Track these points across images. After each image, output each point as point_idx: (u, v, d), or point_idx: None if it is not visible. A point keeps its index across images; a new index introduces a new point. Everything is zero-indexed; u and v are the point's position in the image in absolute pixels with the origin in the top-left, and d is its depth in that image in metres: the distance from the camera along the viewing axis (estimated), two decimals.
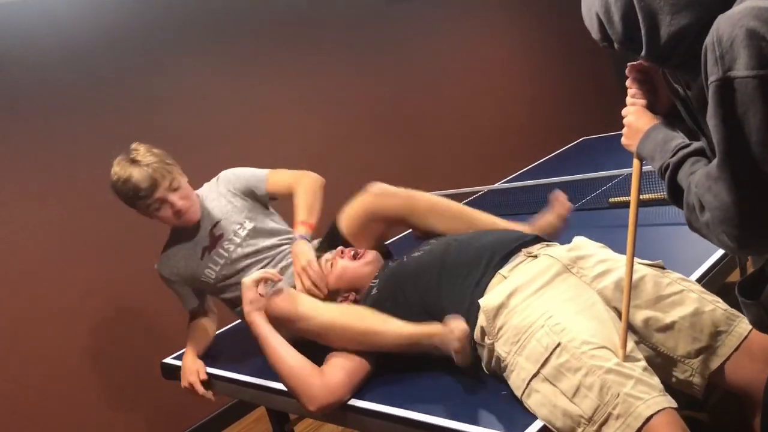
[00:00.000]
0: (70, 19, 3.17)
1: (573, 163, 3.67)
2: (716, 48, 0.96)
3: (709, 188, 1.01)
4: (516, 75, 5.58)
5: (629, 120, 1.33)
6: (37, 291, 2.98)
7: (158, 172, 2.09)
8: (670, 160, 1.16)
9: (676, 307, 1.53)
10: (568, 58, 6.03)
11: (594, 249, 1.72)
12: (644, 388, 1.31)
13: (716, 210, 1.00)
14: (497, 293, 1.59)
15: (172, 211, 2.16)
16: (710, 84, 0.97)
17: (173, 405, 3.28)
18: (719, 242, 1.04)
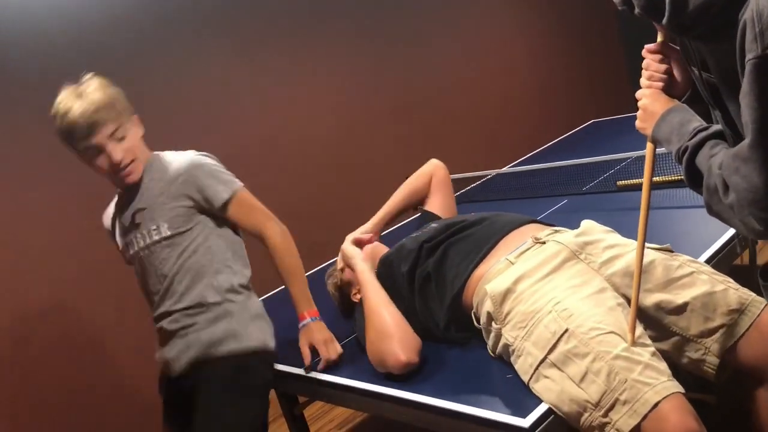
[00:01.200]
0: (74, 6, 3.16)
1: (581, 146, 3.66)
2: (756, 24, 0.92)
3: (737, 169, 0.98)
4: (525, 59, 5.55)
5: (644, 103, 1.30)
6: (29, 281, 2.97)
7: (103, 112, 1.79)
8: (689, 142, 1.13)
9: (687, 288, 1.53)
10: (577, 40, 5.98)
11: (602, 234, 1.72)
12: (652, 374, 1.31)
13: (744, 191, 0.97)
14: (504, 278, 1.60)
15: (108, 163, 1.85)
16: (748, 61, 0.94)
17: None
18: (743, 225, 1.00)
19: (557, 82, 5.78)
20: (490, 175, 3.51)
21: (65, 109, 1.78)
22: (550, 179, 3.02)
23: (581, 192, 2.74)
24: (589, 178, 2.86)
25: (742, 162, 0.97)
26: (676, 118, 1.21)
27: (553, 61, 5.77)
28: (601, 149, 3.05)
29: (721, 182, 1.02)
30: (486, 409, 1.45)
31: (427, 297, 1.79)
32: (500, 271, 1.64)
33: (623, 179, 2.64)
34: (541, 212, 2.60)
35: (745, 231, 1.01)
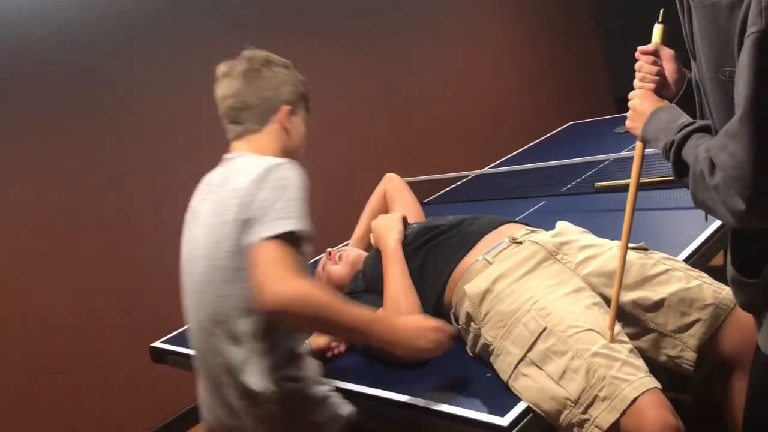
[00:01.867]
0: (56, 5, 3.14)
1: (560, 148, 3.69)
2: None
3: (725, 146, 0.97)
4: (505, 61, 5.58)
5: (634, 103, 1.32)
6: (22, 276, 2.97)
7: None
8: (675, 136, 1.14)
9: (664, 285, 1.56)
10: (556, 43, 6.04)
11: (577, 234, 1.75)
12: (630, 370, 1.33)
13: (730, 168, 0.96)
14: (483, 279, 1.61)
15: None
16: (748, 35, 0.93)
17: (163, 388, 3.28)
18: (727, 207, 0.98)
19: (537, 85, 5.82)
20: (470, 175, 3.53)
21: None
22: (529, 180, 3.05)
23: (560, 193, 2.76)
24: (568, 179, 2.89)
25: (731, 138, 0.96)
26: (664, 116, 1.23)
27: (534, 64, 5.82)
28: (579, 151, 3.08)
29: (707, 164, 1.01)
30: (465, 408, 1.45)
31: None
32: (478, 271, 1.66)
33: (601, 181, 2.67)
34: (520, 213, 2.62)
35: (728, 214, 0.99)
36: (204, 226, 1.55)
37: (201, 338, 1.57)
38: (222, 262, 1.48)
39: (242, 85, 1.62)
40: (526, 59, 5.76)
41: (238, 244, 1.43)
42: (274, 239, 1.36)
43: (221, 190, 1.54)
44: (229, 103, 1.63)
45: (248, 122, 1.63)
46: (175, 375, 2.21)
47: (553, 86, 5.96)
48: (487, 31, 5.47)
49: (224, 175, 1.59)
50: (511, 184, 3.12)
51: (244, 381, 1.46)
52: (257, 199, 1.42)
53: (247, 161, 1.54)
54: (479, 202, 3.06)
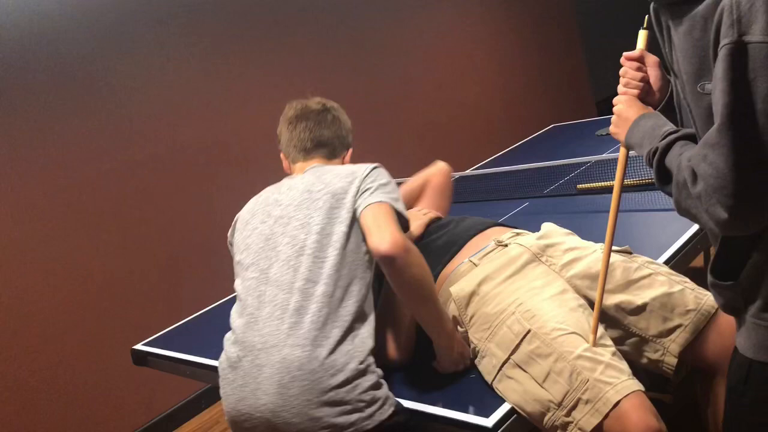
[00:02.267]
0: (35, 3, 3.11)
1: (542, 149, 3.71)
2: (734, 10, 0.95)
3: (705, 156, 0.98)
4: (487, 63, 5.60)
5: (619, 109, 1.32)
6: (1, 275, 2.94)
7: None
8: (659, 144, 1.15)
9: (646, 289, 1.57)
10: (538, 46, 6.07)
11: (562, 237, 1.75)
12: (613, 373, 1.34)
13: (711, 178, 0.97)
14: (468, 281, 1.62)
15: None
16: (722, 47, 0.95)
17: (144, 391, 3.26)
18: (709, 216, 1.00)
19: (520, 87, 5.85)
20: (454, 177, 3.53)
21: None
22: (511, 182, 3.06)
23: (542, 195, 2.78)
24: (550, 181, 2.91)
25: (710, 148, 0.98)
26: (648, 123, 1.23)
27: (516, 67, 5.85)
28: (562, 153, 3.09)
29: (690, 173, 1.02)
30: (449, 409, 1.46)
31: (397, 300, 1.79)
32: (464, 273, 1.66)
33: (583, 183, 2.69)
34: (503, 214, 2.63)
35: (712, 223, 1.01)
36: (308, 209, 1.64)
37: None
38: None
39: (324, 124, 1.86)
40: (509, 62, 5.79)
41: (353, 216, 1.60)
42: (389, 205, 1.57)
43: (323, 178, 1.68)
44: (308, 136, 1.84)
45: (322, 152, 1.85)
46: (158, 377, 2.20)
47: (537, 89, 5.99)
48: (472, 34, 5.49)
49: (319, 172, 1.72)
50: (494, 186, 3.13)
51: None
52: (368, 179, 1.63)
53: (341, 166, 1.75)
54: (463, 203, 3.07)
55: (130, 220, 3.35)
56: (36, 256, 3.03)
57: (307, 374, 1.39)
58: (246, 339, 1.50)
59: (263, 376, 1.42)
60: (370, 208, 1.55)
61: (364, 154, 4.39)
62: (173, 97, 3.57)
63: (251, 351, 1.47)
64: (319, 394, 1.38)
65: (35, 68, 3.08)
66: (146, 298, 3.35)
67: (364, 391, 1.41)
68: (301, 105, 1.90)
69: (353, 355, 1.44)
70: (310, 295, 1.48)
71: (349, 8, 4.55)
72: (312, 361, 1.40)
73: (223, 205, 3.42)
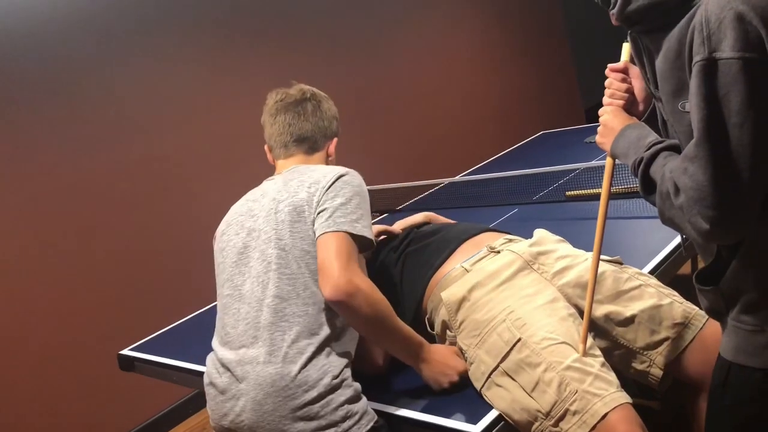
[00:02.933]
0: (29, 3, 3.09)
1: (532, 156, 3.72)
2: (704, 28, 0.97)
3: (685, 170, 1.01)
4: (477, 70, 5.63)
5: (605, 119, 1.34)
6: None
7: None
8: (644, 154, 1.17)
9: (635, 301, 1.58)
10: (528, 54, 6.10)
11: (555, 244, 1.76)
12: (602, 385, 1.34)
13: (691, 190, 1.00)
14: (459, 286, 1.61)
15: None
16: (694, 64, 0.98)
17: (131, 396, 3.24)
18: (692, 227, 1.03)
19: (510, 94, 5.88)
20: (443, 183, 3.54)
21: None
22: (501, 188, 3.07)
23: (531, 201, 2.79)
24: (540, 187, 2.92)
25: (690, 161, 1.01)
26: (633, 134, 1.25)
27: (507, 74, 5.88)
28: (550, 160, 3.10)
29: (672, 185, 1.05)
30: (437, 415, 1.45)
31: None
32: (455, 278, 1.66)
33: (572, 189, 2.70)
34: (492, 220, 2.64)
35: (694, 233, 1.03)
36: (271, 217, 1.61)
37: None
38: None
39: (303, 115, 1.80)
40: (499, 69, 5.81)
41: (309, 229, 1.54)
42: (342, 233, 1.48)
43: (289, 185, 1.63)
44: (287, 129, 1.79)
45: (303, 147, 1.79)
46: (145, 383, 2.19)
47: (526, 96, 6.02)
48: (461, 41, 5.51)
49: (288, 178, 1.67)
50: (483, 192, 3.14)
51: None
52: (328, 193, 1.56)
53: (314, 167, 1.68)
54: (452, 209, 3.07)
55: (118, 224, 3.33)
56: (21, 260, 3.01)
57: (279, 390, 1.40)
58: (223, 356, 1.52)
59: (240, 393, 1.44)
60: (321, 241, 1.49)
61: (353, 159, 4.40)
62: (168, 101, 3.56)
63: (228, 368, 1.49)
64: (292, 410, 1.39)
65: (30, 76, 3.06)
66: (133, 303, 3.33)
67: (339, 405, 1.41)
68: (282, 95, 1.85)
69: (327, 370, 1.43)
70: (279, 312, 1.48)
71: (341, 15, 4.56)
72: (284, 377, 1.41)
73: (210, 209, 3.41)
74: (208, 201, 3.58)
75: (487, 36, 5.75)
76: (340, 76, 4.50)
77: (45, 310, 3.06)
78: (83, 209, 3.22)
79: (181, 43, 3.66)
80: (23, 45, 3.07)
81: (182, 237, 3.50)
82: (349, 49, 4.59)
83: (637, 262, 1.80)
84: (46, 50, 3.14)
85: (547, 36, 6.33)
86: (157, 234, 3.44)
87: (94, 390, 3.17)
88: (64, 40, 3.21)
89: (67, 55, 3.21)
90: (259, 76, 3.98)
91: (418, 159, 4.88)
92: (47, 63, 3.14)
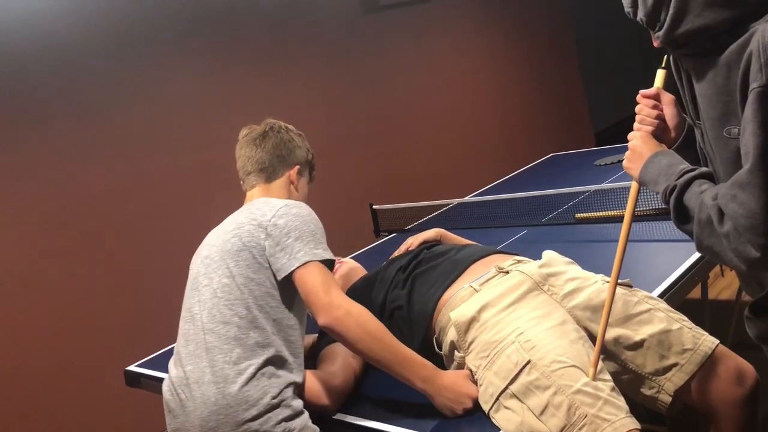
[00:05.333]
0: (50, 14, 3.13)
1: (541, 178, 3.72)
2: (761, 55, 0.97)
3: (735, 197, 1.00)
4: (488, 93, 5.65)
5: (634, 144, 1.33)
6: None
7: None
8: (677, 181, 1.16)
9: (645, 325, 1.57)
10: (538, 76, 6.13)
11: (564, 266, 1.75)
12: (611, 410, 1.33)
13: (741, 218, 0.99)
14: (468, 307, 1.61)
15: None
16: (752, 90, 0.98)
17: (138, 413, 3.23)
18: (737, 254, 1.02)
19: (520, 117, 5.90)
20: (452, 203, 3.55)
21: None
22: (510, 209, 3.07)
23: (540, 223, 2.78)
24: (549, 209, 2.91)
25: (740, 188, 0.99)
26: (664, 161, 1.24)
27: (517, 97, 5.90)
28: (560, 182, 3.10)
29: (716, 212, 1.04)
30: None
31: (397, 324, 1.78)
32: (464, 298, 1.66)
33: (582, 212, 2.69)
34: (501, 242, 2.63)
35: (738, 261, 1.02)
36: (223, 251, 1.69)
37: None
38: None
39: (262, 146, 1.89)
40: (510, 92, 5.84)
41: (259, 263, 1.62)
42: (311, 264, 1.57)
43: (238, 217, 1.74)
44: (248, 161, 1.89)
45: (262, 177, 1.89)
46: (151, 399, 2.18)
47: (536, 119, 6.04)
48: (472, 63, 5.54)
49: (243, 210, 1.78)
50: (492, 213, 3.14)
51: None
52: (276, 229, 1.63)
53: (265, 200, 1.75)
54: (461, 230, 3.07)
55: (127, 239, 3.35)
56: (30, 275, 3.02)
57: (222, 408, 1.49)
58: (175, 375, 1.63)
59: (188, 411, 1.54)
60: (297, 278, 1.57)
61: (363, 180, 4.42)
62: (180, 118, 3.59)
63: (179, 386, 1.59)
64: (234, 427, 1.48)
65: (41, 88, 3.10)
66: (139, 319, 3.34)
67: (276, 423, 1.49)
68: (248, 130, 1.96)
69: (267, 390, 1.51)
70: (222, 336, 1.56)
71: (352, 37, 4.60)
72: (225, 396, 1.49)
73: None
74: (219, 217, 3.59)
75: (498, 59, 5.78)
76: (350, 97, 4.53)
77: (53, 325, 3.06)
78: (93, 223, 3.24)
79: (193, 61, 3.70)
80: (36, 55, 3.11)
81: (191, 253, 3.51)
82: (359, 71, 4.62)
83: (646, 285, 1.79)
84: (58, 62, 3.18)
85: (558, 59, 6.36)
86: (166, 250, 3.45)
87: (100, 406, 3.16)
88: (77, 53, 3.25)
89: (78, 67, 3.25)
90: (274, 96, 4.02)
91: (429, 179, 4.89)
92: (59, 74, 3.18)
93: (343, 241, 2.94)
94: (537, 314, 1.55)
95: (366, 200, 3.56)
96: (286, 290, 1.62)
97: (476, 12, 5.62)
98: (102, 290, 3.23)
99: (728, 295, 3.43)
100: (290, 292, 1.62)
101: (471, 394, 1.53)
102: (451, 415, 1.53)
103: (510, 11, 5.93)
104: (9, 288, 2.96)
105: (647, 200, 2.44)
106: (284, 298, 1.62)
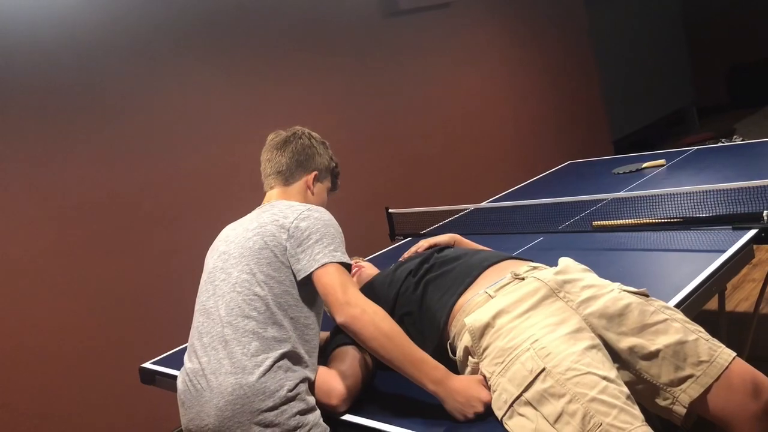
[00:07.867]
0: (70, 18, 3.17)
1: (558, 185, 3.71)
2: None
3: None
4: (506, 99, 5.65)
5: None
6: (11, 295, 2.95)
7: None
8: None
9: (661, 335, 1.56)
10: (557, 85, 6.11)
11: (580, 273, 1.74)
12: (627, 418, 1.32)
13: None
14: (483, 312, 1.60)
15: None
16: None
17: (153, 410, 3.26)
18: None
19: (538, 123, 5.88)
20: (469, 209, 3.54)
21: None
22: (527, 216, 3.06)
23: (557, 230, 2.77)
24: (566, 217, 2.90)
25: None
26: None
27: (535, 105, 5.89)
28: (577, 190, 3.09)
29: None
30: None
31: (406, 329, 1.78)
32: (479, 303, 1.65)
33: (599, 220, 2.68)
34: (517, 248, 2.63)
35: None
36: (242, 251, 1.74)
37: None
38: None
39: (283, 151, 1.96)
40: (528, 99, 5.83)
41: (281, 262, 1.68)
42: (330, 265, 1.63)
43: (261, 217, 1.78)
44: (269, 164, 1.97)
45: (280, 179, 1.95)
46: (165, 396, 2.20)
47: (554, 127, 6.02)
48: (491, 69, 5.54)
49: (263, 210, 1.83)
50: (508, 219, 3.13)
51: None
52: (298, 231, 1.69)
53: (288, 203, 1.81)
54: (476, 236, 3.07)
55: (144, 238, 3.38)
56: (45, 273, 3.05)
57: (239, 398, 1.53)
58: (190, 367, 1.67)
59: (204, 400, 1.58)
60: (316, 278, 1.63)
61: (379, 184, 4.43)
62: (201, 119, 3.62)
63: (194, 377, 1.63)
64: (250, 416, 1.52)
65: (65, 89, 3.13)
66: (152, 317, 3.36)
67: (291, 416, 1.54)
68: (275, 135, 2.03)
69: (283, 383, 1.55)
70: (240, 329, 1.61)
71: (371, 41, 4.61)
72: (243, 386, 1.53)
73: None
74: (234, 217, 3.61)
75: (516, 66, 5.77)
76: (366, 102, 4.55)
77: (69, 323, 3.10)
78: (110, 222, 3.27)
79: (215, 64, 3.73)
80: (58, 59, 3.15)
81: (206, 250, 3.53)
82: (377, 77, 4.64)
83: (663, 295, 1.78)
84: (82, 64, 3.22)
85: (577, 68, 6.34)
86: (182, 248, 3.48)
87: (115, 403, 3.19)
88: (101, 55, 3.28)
89: (100, 69, 3.28)
90: (293, 99, 4.04)
91: (444, 184, 4.89)
92: (82, 76, 3.22)
93: (359, 244, 2.96)
94: (552, 321, 1.55)
95: (382, 204, 3.57)
96: (304, 290, 1.67)
97: (495, 19, 5.62)
98: (121, 287, 3.26)
99: (746, 307, 3.40)
100: (309, 293, 1.67)
101: (482, 399, 1.53)
102: (462, 419, 1.53)
103: (529, 19, 5.92)
104: (26, 285, 2.99)
105: (666, 210, 2.42)
106: (303, 298, 1.67)
